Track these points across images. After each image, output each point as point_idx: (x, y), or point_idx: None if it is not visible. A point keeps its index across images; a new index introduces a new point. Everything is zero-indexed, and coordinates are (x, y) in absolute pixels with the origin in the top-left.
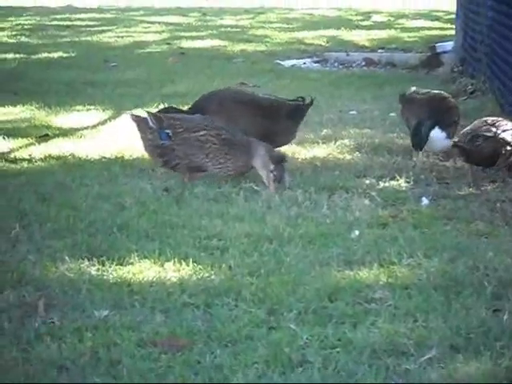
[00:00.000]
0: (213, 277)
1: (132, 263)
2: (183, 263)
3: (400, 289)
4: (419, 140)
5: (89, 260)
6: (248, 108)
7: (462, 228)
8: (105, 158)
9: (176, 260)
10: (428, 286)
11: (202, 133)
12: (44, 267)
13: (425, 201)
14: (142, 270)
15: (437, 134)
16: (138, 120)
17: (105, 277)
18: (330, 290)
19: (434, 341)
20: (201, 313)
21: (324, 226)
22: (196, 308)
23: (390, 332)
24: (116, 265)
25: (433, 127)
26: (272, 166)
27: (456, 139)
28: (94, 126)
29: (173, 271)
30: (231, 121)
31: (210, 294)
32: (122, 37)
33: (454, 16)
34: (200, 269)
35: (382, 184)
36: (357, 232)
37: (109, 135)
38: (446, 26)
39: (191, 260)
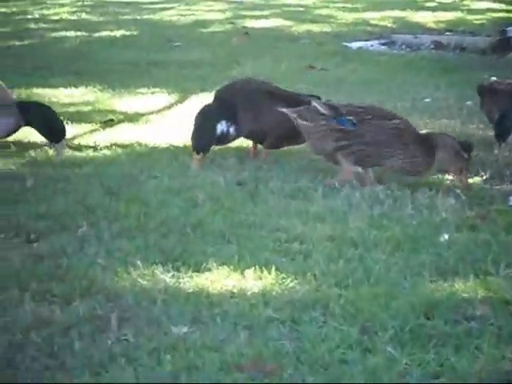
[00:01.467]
0: (297, 287)
1: (210, 269)
2: (264, 271)
3: (500, 304)
4: (503, 132)
5: (163, 265)
6: (276, 99)
7: None
8: (173, 146)
9: (257, 267)
10: None
11: (396, 121)
12: (115, 273)
13: None
14: (221, 278)
15: None
16: (297, 111)
17: (181, 285)
18: (425, 304)
19: None
20: (287, 330)
21: (411, 229)
22: (282, 324)
23: (496, 358)
24: (192, 271)
25: None
26: (466, 155)
27: None
28: (160, 111)
29: (254, 280)
30: (257, 112)
31: (296, 308)
32: (185, 15)
33: None
34: (283, 277)
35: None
36: (446, 236)
37: (176, 120)
38: (511, 8)
39: (273, 267)
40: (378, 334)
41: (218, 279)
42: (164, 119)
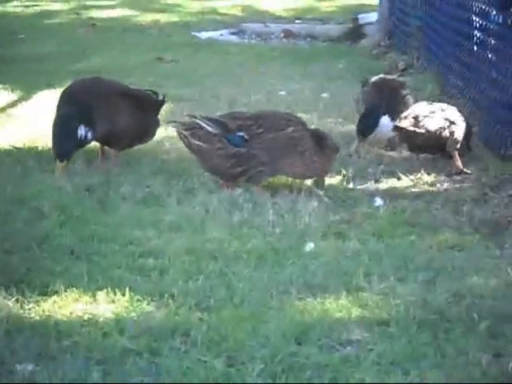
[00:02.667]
0: (154, 310)
1: (57, 292)
2: (117, 292)
3: (378, 326)
4: (366, 127)
5: (6, 288)
6: (128, 100)
7: (429, 238)
8: (16, 148)
9: (109, 288)
10: (409, 321)
11: (290, 129)
12: None
13: (378, 201)
14: (70, 303)
15: (385, 122)
16: (190, 128)
17: (26, 312)
18: (296, 328)
19: None
20: (145, 363)
21: (274, 238)
22: (139, 356)
23: None
24: (38, 294)
25: (382, 115)
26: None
27: (398, 122)
28: (3, 110)
29: (106, 303)
30: (112, 114)
31: (154, 336)
32: (28, 6)
33: None
34: (138, 299)
35: (326, 180)
36: (311, 244)
37: (19, 120)
38: None
39: (127, 287)
40: (245, 366)
41: (67, 304)
42: (6, 118)
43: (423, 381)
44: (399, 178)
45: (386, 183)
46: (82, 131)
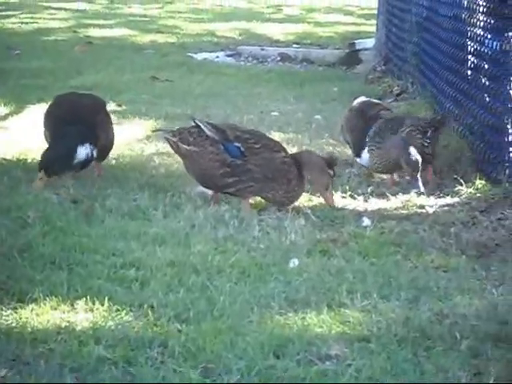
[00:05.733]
0: (133, 321)
1: (36, 300)
2: (96, 301)
3: (358, 341)
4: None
5: None
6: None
7: (415, 258)
8: (5, 159)
9: (88, 297)
10: (390, 338)
11: (283, 154)
12: None
13: (366, 221)
14: (48, 310)
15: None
16: (178, 134)
17: (3, 318)
18: (274, 341)
19: None
20: (120, 372)
21: (258, 253)
22: (114, 365)
23: None
24: (17, 301)
25: None
26: (332, 172)
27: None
28: None
29: (84, 311)
30: (106, 128)
31: (131, 346)
32: (27, 23)
33: (368, 11)
34: (117, 309)
35: (315, 199)
36: (296, 261)
37: (10, 133)
38: (359, 21)
39: (106, 297)
40: (221, 377)
41: (45, 311)
42: None
43: None
44: (388, 199)
45: (375, 204)
46: (87, 150)
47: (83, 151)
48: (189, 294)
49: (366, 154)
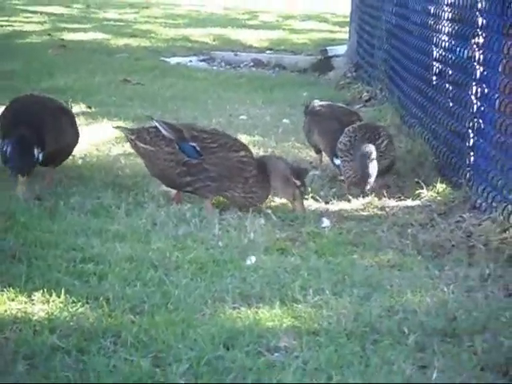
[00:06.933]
0: (88, 312)
1: None
2: (53, 293)
3: (307, 335)
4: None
5: None
6: (66, 114)
7: (371, 257)
8: None
9: (45, 289)
10: (339, 332)
11: (242, 153)
12: None
13: (326, 222)
14: (5, 301)
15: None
16: (136, 132)
17: None
18: (226, 334)
19: None
20: (72, 360)
21: (216, 250)
22: (67, 353)
23: None
24: None
25: None
26: (298, 182)
27: None
28: None
29: (41, 303)
30: (58, 133)
31: (85, 336)
32: (2, 26)
33: (343, 19)
34: (73, 301)
35: (277, 200)
36: (253, 258)
37: None
38: (334, 28)
39: (63, 289)
40: (171, 366)
41: (2, 302)
42: None
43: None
44: (350, 201)
45: (336, 206)
46: (36, 153)
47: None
48: (145, 288)
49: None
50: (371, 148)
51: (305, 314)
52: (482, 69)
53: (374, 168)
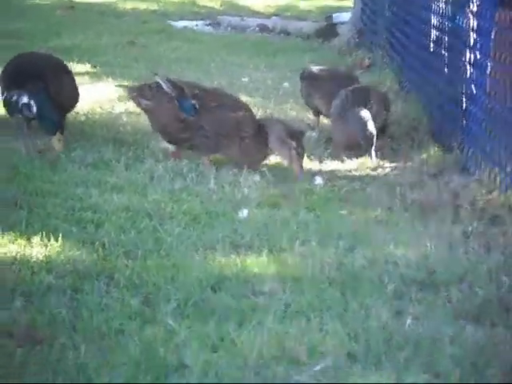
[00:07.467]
0: (84, 256)
1: None
2: (52, 238)
3: (291, 281)
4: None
5: None
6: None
7: (359, 213)
8: None
9: (44, 233)
10: (322, 279)
11: (240, 113)
12: None
13: (318, 180)
14: (6, 243)
15: None
16: (140, 89)
17: None
18: (213, 278)
19: (329, 347)
20: (67, 298)
21: (210, 203)
22: (62, 292)
23: (279, 334)
24: None
25: None
26: (294, 144)
27: None
28: None
29: (40, 246)
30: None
31: (79, 277)
32: None
33: None
34: (70, 245)
35: (273, 158)
36: (245, 211)
37: None
38: None
39: (61, 234)
40: (159, 306)
41: (3, 244)
42: None
43: (322, 327)
44: (343, 161)
45: (330, 165)
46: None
47: (25, 99)
48: (139, 235)
49: None
50: (365, 112)
51: (290, 263)
52: (475, 35)
53: (373, 128)
